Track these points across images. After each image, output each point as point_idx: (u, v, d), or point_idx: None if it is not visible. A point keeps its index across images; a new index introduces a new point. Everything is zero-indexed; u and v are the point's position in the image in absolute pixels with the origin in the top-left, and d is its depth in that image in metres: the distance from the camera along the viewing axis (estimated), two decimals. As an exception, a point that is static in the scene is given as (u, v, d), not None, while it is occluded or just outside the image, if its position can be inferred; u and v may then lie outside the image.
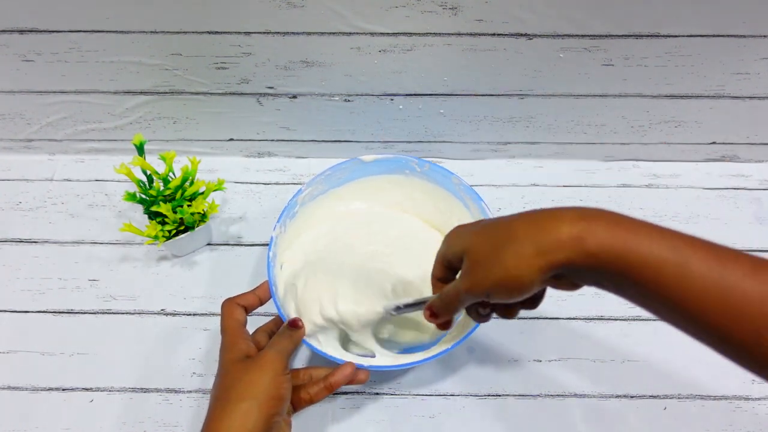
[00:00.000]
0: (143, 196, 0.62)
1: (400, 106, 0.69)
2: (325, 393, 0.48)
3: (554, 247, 0.34)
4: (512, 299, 0.36)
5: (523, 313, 0.62)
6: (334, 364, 0.49)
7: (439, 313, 0.43)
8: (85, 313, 0.64)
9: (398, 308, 0.49)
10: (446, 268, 0.43)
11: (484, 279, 0.37)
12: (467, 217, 0.60)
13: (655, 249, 0.32)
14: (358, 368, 0.49)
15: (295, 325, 0.49)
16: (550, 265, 0.34)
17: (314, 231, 0.62)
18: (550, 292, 0.64)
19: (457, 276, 0.41)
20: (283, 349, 0.46)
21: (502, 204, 0.72)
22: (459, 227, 0.42)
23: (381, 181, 0.64)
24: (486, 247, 0.37)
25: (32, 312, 0.64)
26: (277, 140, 0.74)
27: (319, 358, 0.52)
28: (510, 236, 0.36)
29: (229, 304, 0.49)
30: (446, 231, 0.43)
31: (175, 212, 0.61)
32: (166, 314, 0.64)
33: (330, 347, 0.52)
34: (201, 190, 0.64)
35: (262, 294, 0.51)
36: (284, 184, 0.75)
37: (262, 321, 0.52)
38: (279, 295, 0.53)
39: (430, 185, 0.62)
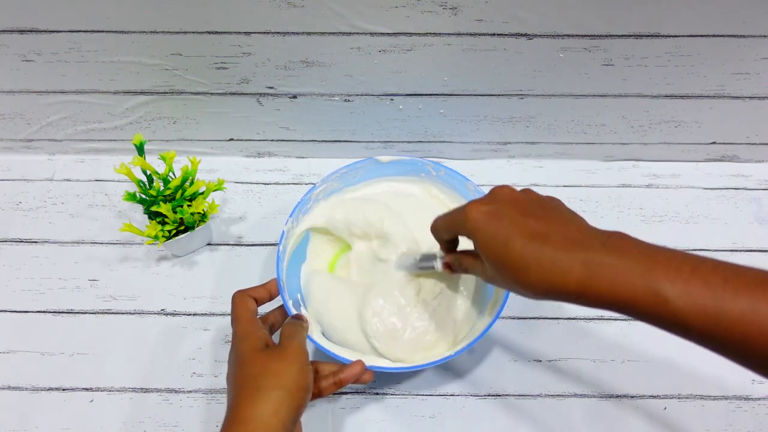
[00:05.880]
0: (143, 196, 0.62)
1: (400, 106, 0.69)
2: (333, 388, 0.48)
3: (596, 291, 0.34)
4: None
5: (523, 312, 0.63)
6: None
7: (456, 270, 0.47)
8: (85, 313, 0.64)
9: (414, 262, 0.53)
10: (454, 236, 0.45)
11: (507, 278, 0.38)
12: None
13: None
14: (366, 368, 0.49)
15: (300, 318, 0.50)
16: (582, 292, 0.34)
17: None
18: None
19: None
20: (303, 340, 0.47)
21: (502, 204, 0.72)
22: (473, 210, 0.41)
23: (396, 183, 0.64)
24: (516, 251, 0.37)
25: (32, 312, 0.64)
26: (277, 140, 0.74)
27: (324, 355, 0.52)
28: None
29: (240, 294, 0.49)
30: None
31: (175, 212, 0.61)
32: (166, 314, 0.64)
33: (335, 346, 0.53)
34: (201, 190, 0.64)
35: (273, 289, 0.52)
36: (284, 184, 0.75)
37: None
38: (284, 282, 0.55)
39: (445, 189, 0.62)
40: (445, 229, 0.44)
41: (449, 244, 0.47)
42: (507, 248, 0.36)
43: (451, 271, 0.48)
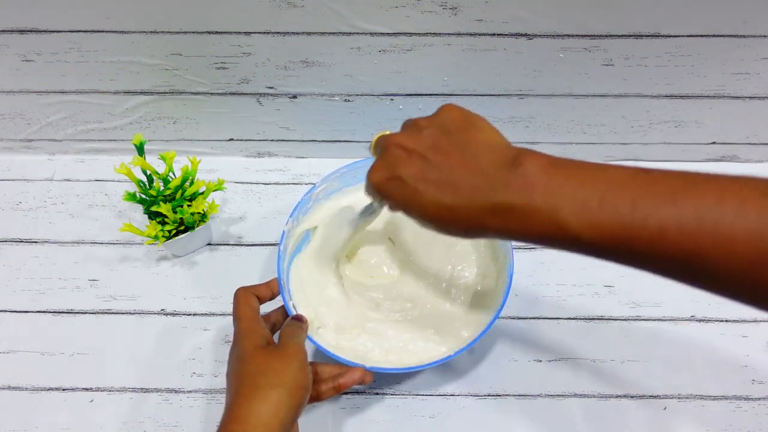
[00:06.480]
0: (143, 196, 0.62)
1: (400, 106, 0.69)
2: (332, 393, 0.48)
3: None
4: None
5: (523, 312, 0.63)
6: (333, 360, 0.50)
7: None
8: (85, 313, 0.64)
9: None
10: None
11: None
12: None
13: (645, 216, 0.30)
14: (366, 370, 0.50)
15: (299, 319, 0.50)
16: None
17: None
18: (551, 293, 0.65)
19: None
20: (302, 341, 0.47)
21: (502, 204, 0.72)
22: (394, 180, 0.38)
23: None
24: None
25: (32, 312, 0.64)
26: (277, 140, 0.74)
27: (322, 355, 0.52)
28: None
29: (243, 292, 0.49)
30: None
31: (175, 212, 0.61)
32: (166, 314, 0.64)
33: (335, 347, 0.52)
34: (201, 190, 0.64)
35: (275, 287, 0.52)
36: (284, 184, 0.75)
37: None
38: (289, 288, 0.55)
39: None
40: (372, 195, 0.42)
41: None
42: (422, 209, 0.37)
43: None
